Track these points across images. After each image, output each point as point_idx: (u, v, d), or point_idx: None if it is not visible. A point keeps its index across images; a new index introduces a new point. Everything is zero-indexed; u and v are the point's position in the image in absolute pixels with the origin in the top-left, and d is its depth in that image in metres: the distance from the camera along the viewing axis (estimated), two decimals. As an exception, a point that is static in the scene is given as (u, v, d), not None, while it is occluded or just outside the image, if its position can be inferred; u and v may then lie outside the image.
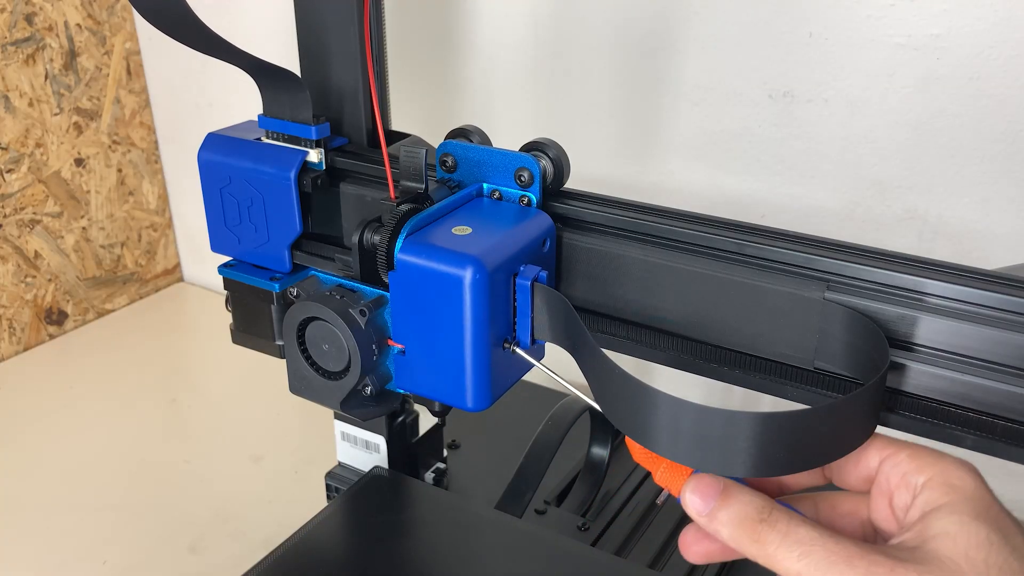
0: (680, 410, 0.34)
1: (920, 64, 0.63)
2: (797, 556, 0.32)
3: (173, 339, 1.04)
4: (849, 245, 0.41)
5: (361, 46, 0.52)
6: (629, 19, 0.73)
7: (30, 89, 0.93)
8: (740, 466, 0.33)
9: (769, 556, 0.33)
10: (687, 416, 0.34)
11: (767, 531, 0.34)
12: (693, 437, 0.34)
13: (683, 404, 0.34)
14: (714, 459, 0.34)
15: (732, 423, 0.33)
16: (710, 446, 0.34)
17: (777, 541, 0.33)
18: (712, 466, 0.34)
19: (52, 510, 0.74)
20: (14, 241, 0.95)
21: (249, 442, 0.82)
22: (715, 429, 0.33)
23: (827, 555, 0.32)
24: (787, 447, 0.33)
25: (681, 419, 0.34)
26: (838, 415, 0.34)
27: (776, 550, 0.33)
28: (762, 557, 0.34)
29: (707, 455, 0.34)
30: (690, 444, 0.34)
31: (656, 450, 0.36)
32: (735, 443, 0.33)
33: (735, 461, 0.33)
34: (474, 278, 0.40)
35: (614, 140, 0.78)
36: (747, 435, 0.33)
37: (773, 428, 0.33)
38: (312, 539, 0.54)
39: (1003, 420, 0.38)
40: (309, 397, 0.50)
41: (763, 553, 0.33)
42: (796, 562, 0.32)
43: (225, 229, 0.54)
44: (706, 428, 0.34)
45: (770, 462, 0.33)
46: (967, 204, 0.65)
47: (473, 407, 0.43)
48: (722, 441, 0.33)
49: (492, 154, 0.47)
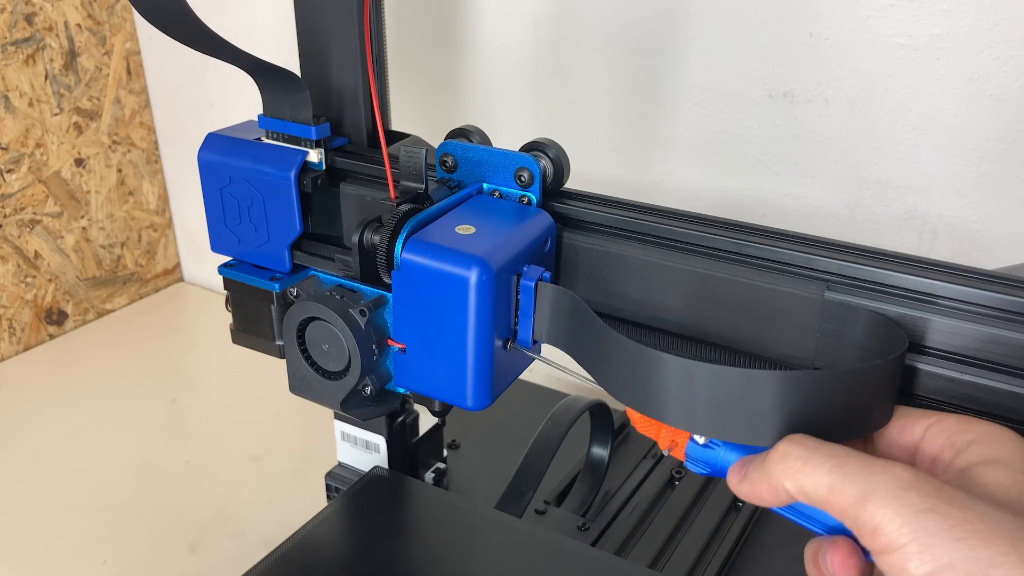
0: (694, 374, 0.33)
1: (920, 64, 0.63)
2: (829, 468, 0.31)
3: (173, 339, 1.04)
4: (849, 245, 0.41)
5: (361, 46, 0.52)
6: (629, 19, 0.73)
7: (30, 89, 0.93)
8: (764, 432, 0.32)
9: (796, 472, 0.31)
10: (701, 380, 0.33)
11: (794, 447, 0.32)
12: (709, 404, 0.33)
13: (696, 367, 0.33)
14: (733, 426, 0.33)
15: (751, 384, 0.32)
16: (729, 412, 0.32)
17: (805, 456, 0.31)
18: (732, 434, 0.33)
19: (52, 510, 0.74)
20: (14, 241, 0.95)
21: (249, 442, 0.82)
22: (733, 392, 0.32)
23: (863, 465, 0.30)
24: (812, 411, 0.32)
25: (696, 384, 0.33)
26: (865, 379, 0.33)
27: (804, 464, 0.31)
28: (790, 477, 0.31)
29: (726, 422, 0.33)
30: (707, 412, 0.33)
31: (670, 422, 0.34)
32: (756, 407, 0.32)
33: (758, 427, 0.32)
34: (479, 279, 0.40)
35: (614, 140, 0.78)
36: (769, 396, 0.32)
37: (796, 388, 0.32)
38: (312, 539, 0.54)
39: (1003, 420, 0.38)
40: (309, 397, 0.50)
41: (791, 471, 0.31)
42: (827, 474, 0.30)
43: (225, 229, 0.54)
44: (722, 392, 0.32)
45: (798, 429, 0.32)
46: (967, 204, 0.65)
47: (473, 406, 0.43)
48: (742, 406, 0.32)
49: (492, 154, 0.47)
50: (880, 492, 0.29)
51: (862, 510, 0.30)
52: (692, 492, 0.65)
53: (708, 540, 0.61)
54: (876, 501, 0.29)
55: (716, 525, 0.62)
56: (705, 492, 0.66)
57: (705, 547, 0.61)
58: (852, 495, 0.30)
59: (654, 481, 0.67)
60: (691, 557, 0.60)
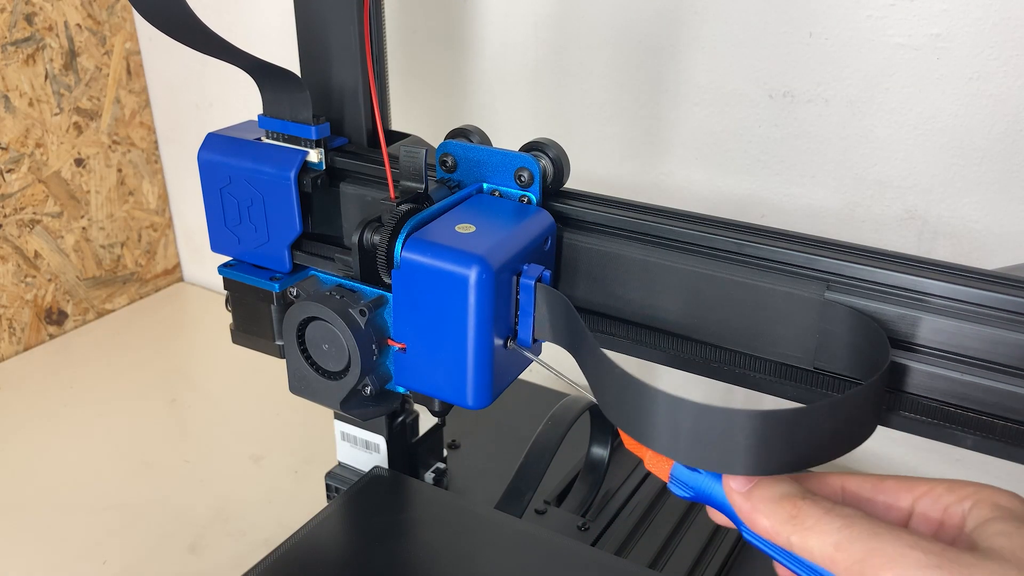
0: (679, 409, 0.34)
1: (920, 64, 0.63)
2: (838, 527, 0.31)
3: (173, 339, 1.04)
4: (849, 245, 0.41)
5: (361, 46, 0.52)
6: (629, 19, 0.73)
7: (30, 89, 0.93)
8: (740, 464, 0.33)
9: (807, 530, 0.32)
10: (686, 414, 0.34)
11: (808, 506, 0.33)
12: (692, 435, 0.34)
13: (682, 403, 0.34)
14: (714, 457, 0.34)
15: (731, 421, 0.33)
16: (709, 444, 0.34)
17: (818, 515, 0.32)
18: (712, 464, 0.34)
19: (52, 510, 0.74)
20: (14, 241, 0.95)
21: (249, 442, 0.82)
22: (714, 427, 0.33)
23: (870, 527, 0.31)
24: (787, 445, 0.33)
25: (680, 418, 0.34)
26: (839, 412, 0.34)
27: (816, 523, 0.32)
28: (798, 533, 0.32)
29: (707, 453, 0.34)
30: (689, 442, 0.34)
31: (656, 449, 0.35)
32: (734, 441, 0.33)
33: (735, 459, 0.33)
34: (479, 277, 0.40)
35: (614, 140, 0.78)
36: (746, 433, 0.33)
37: (772, 425, 0.33)
38: (312, 539, 0.54)
39: (1003, 420, 0.38)
40: (309, 397, 0.50)
41: (800, 528, 0.32)
42: (836, 533, 0.31)
43: (225, 229, 0.54)
44: (705, 426, 0.33)
45: (770, 460, 0.33)
46: (967, 204, 0.65)
47: (473, 405, 0.43)
48: (721, 439, 0.33)
49: (492, 154, 0.47)
50: (886, 550, 0.30)
51: (867, 567, 0.30)
52: (692, 492, 0.65)
53: (708, 540, 0.61)
54: (881, 557, 0.30)
55: (716, 525, 0.62)
56: (705, 492, 0.66)
57: (705, 547, 0.61)
58: (858, 552, 0.30)
59: (654, 481, 0.67)
60: (691, 557, 0.60)
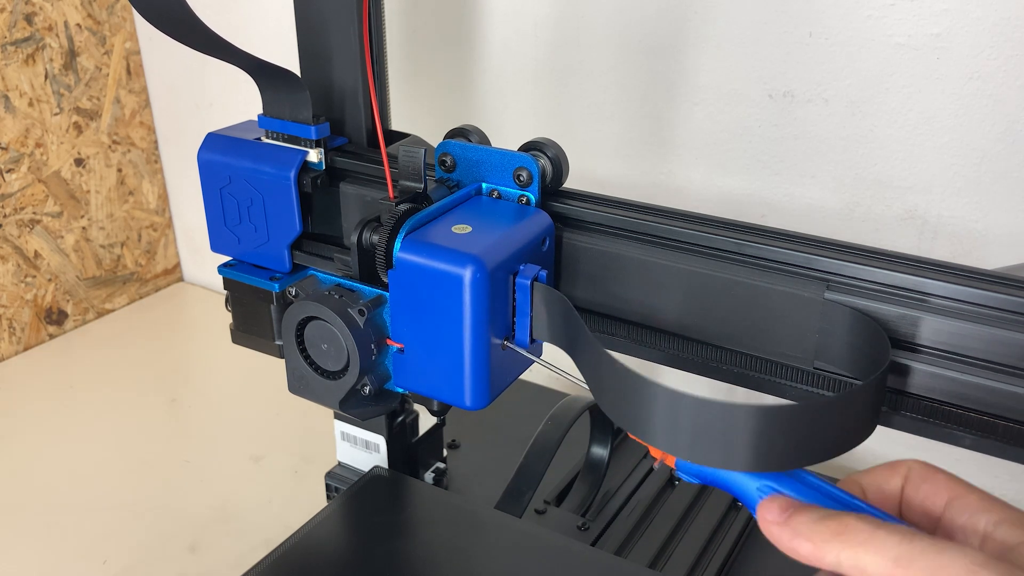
0: (679, 403, 0.34)
1: (920, 64, 0.63)
2: (897, 541, 0.29)
3: (173, 339, 1.04)
4: (849, 245, 0.41)
5: (361, 46, 0.52)
6: (629, 19, 0.73)
7: (30, 89, 0.93)
8: (740, 460, 0.33)
9: (858, 546, 0.30)
10: (686, 409, 0.33)
11: (855, 520, 0.31)
12: (692, 431, 0.34)
13: (682, 397, 0.33)
14: (714, 453, 0.34)
15: (731, 416, 0.33)
16: (710, 440, 0.33)
17: (870, 530, 0.30)
18: (713, 460, 0.34)
19: (52, 510, 0.74)
20: (14, 241, 0.95)
21: (249, 442, 0.82)
22: (714, 422, 0.33)
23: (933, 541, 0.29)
24: (788, 441, 0.33)
25: (680, 412, 0.34)
26: (839, 409, 0.34)
27: (869, 538, 0.30)
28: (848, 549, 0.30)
29: (707, 449, 0.34)
30: (689, 438, 0.34)
31: (655, 445, 0.35)
32: (734, 436, 0.33)
33: (735, 455, 0.33)
34: (474, 277, 0.40)
35: (614, 140, 0.78)
36: (746, 428, 0.32)
37: (773, 421, 0.32)
38: (312, 539, 0.54)
39: (1003, 420, 0.38)
40: (308, 397, 0.50)
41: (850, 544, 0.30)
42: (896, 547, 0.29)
43: (225, 229, 0.54)
44: (705, 421, 0.33)
45: (770, 456, 0.33)
46: (967, 204, 0.65)
47: (471, 405, 0.43)
48: (722, 434, 0.33)
49: (491, 154, 0.47)
50: (954, 568, 0.29)
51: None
52: (692, 492, 0.65)
53: (708, 540, 0.61)
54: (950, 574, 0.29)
55: (716, 525, 0.62)
56: (705, 492, 0.66)
57: (705, 547, 0.61)
58: (922, 570, 0.29)
59: (654, 481, 0.67)
60: (691, 557, 0.60)
